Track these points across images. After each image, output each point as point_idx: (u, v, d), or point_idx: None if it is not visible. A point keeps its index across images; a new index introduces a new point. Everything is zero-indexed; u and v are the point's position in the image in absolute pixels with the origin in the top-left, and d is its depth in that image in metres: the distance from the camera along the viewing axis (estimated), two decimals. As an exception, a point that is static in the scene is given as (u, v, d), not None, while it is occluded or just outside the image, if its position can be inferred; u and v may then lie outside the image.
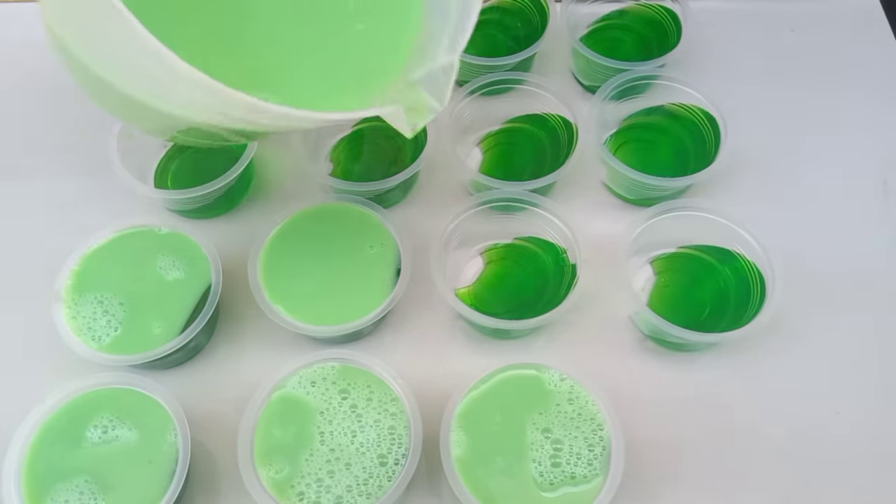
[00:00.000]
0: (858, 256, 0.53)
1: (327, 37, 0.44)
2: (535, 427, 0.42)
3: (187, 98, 0.33)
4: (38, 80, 0.62)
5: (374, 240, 0.49)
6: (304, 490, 0.41)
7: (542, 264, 0.51)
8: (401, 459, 0.42)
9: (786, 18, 0.65)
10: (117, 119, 0.50)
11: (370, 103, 0.40)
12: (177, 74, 0.30)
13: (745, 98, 0.59)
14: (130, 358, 0.45)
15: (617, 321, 0.51)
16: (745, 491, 0.46)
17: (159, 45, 0.29)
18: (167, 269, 0.48)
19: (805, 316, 0.50)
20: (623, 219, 0.53)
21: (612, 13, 0.62)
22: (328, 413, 0.43)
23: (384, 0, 0.44)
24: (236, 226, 0.55)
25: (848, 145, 0.58)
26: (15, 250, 0.54)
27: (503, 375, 0.44)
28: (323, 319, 0.47)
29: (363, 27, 0.43)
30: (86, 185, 0.56)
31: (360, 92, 0.41)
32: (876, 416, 0.48)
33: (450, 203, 0.51)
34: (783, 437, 0.47)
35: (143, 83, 0.34)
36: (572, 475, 0.41)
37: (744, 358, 0.49)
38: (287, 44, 0.43)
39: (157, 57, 0.30)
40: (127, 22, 0.29)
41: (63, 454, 0.42)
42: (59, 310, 0.46)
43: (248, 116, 0.33)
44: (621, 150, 0.56)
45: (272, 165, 0.58)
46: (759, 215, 0.50)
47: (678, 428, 0.47)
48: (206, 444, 0.47)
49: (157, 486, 0.41)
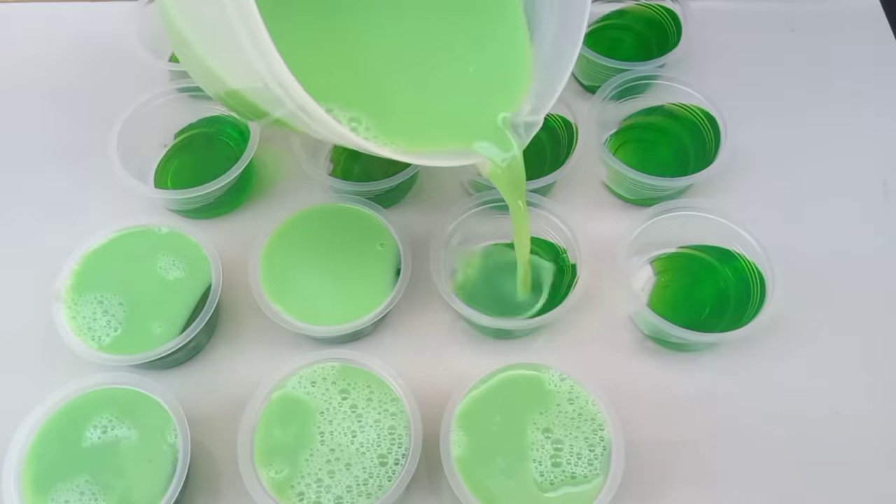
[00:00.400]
0: (858, 256, 0.53)
1: (434, 72, 0.44)
2: (535, 427, 0.42)
3: (272, 96, 0.34)
4: (39, 79, 0.63)
5: (375, 240, 0.49)
6: (304, 490, 0.41)
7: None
8: (401, 459, 0.42)
9: (786, 18, 0.65)
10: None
11: (458, 145, 0.42)
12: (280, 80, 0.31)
13: (745, 98, 0.59)
14: (130, 358, 0.45)
15: (617, 321, 0.51)
16: (745, 491, 0.46)
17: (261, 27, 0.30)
18: (167, 269, 0.48)
19: (805, 316, 0.50)
20: (623, 219, 0.53)
21: (612, 13, 0.62)
22: (328, 413, 0.43)
23: (496, 50, 0.45)
24: (236, 226, 0.55)
25: (848, 145, 0.58)
26: (15, 250, 0.54)
27: (503, 375, 0.44)
28: (323, 319, 0.47)
29: (473, 70, 0.44)
30: (86, 185, 0.56)
31: (453, 131, 0.43)
32: (876, 416, 0.48)
33: (450, 203, 0.51)
34: (783, 437, 0.47)
35: (231, 58, 0.35)
36: (573, 475, 0.41)
37: (744, 358, 0.49)
38: (391, 67, 0.44)
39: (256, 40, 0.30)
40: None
41: (63, 454, 0.42)
42: (59, 310, 0.46)
43: (328, 135, 0.35)
44: (621, 150, 0.56)
45: (272, 165, 0.58)
46: (759, 215, 0.50)
47: (678, 428, 0.47)
48: (206, 444, 0.47)
49: (157, 486, 0.41)
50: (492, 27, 0.45)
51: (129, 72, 0.60)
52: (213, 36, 0.35)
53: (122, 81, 0.60)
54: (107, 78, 0.62)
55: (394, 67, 0.43)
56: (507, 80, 0.45)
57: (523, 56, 0.45)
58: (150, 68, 0.58)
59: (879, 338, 0.50)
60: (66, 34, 0.65)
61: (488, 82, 0.44)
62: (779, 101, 0.61)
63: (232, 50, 0.33)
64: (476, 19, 0.45)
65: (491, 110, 0.43)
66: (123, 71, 0.61)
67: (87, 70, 0.63)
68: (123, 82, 0.60)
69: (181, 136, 0.57)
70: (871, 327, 0.51)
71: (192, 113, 0.57)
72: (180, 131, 0.57)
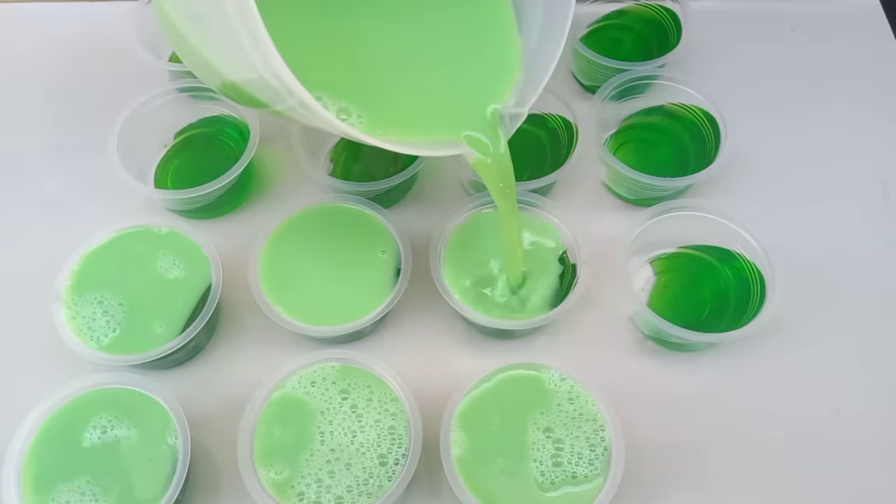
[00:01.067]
0: (858, 257, 0.53)
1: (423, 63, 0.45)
2: (536, 427, 0.42)
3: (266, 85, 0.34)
4: (39, 79, 0.63)
5: (375, 242, 0.49)
6: (304, 490, 0.41)
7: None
8: (401, 459, 0.42)
9: (786, 18, 0.65)
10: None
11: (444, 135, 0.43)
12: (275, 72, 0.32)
13: (745, 98, 0.59)
14: (130, 358, 0.45)
15: (617, 321, 0.51)
16: (745, 491, 0.46)
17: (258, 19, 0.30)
18: (167, 268, 0.48)
19: (805, 316, 0.50)
20: (623, 219, 0.53)
21: (612, 13, 0.62)
22: (328, 413, 0.43)
23: (485, 41, 0.45)
24: (236, 226, 0.55)
25: (848, 146, 0.58)
26: (15, 250, 0.54)
27: (503, 375, 0.44)
28: (323, 319, 0.47)
29: (462, 61, 0.45)
30: (86, 185, 0.57)
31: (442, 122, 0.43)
32: (876, 416, 0.48)
33: (450, 203, 0.51)
34: (783, 437, 0.47)
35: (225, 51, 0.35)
36: (573, 475, 0.41)
37: (744, 358, 0.49)
38: (382, 57, 0.44)
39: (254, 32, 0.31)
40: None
41: (63, 454, 0.42)
42: (59, 310, 0.46)
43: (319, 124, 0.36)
44: (621, 150, 0.56)
45: (272, 165, 0.58)
46: (759, 215, 0.50)
47: (678, 428, 0.47)
48: (206, 444, 0.47)
49: (157, 486, 0.41)
50: (481, 19, 0.45)
51: (129, 72, 0.60)
52: (207, 27, 0.35)
53: (122, 81, 0.60)
54: (107, 78, 0.62)
55: (384, 56, 0.43)
56: (495, 71, 0.45)
57: (512, 48, 0.45)
58: (150, 68, 0.58)
59: (879, 338, 0.50)
60: (66, 34, 0.65)
61: (477, 73, 0.44)
62: (779, 101, 0.61)
63: (227, 41, 0.33)
64: (466, 10, 0.45)
65: (480, 101, 0.43)
66: (123, 71, 0.61)
67: (87, 70, 0.63)
68: (123, 82, 0.60)
69: (181, 136, 0.57)
70: (870, 328, 0.51)
71: (192, 113, 0.57)
72: (180, 131, 0.57)
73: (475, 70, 0.44)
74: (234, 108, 0.55)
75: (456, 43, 0.44)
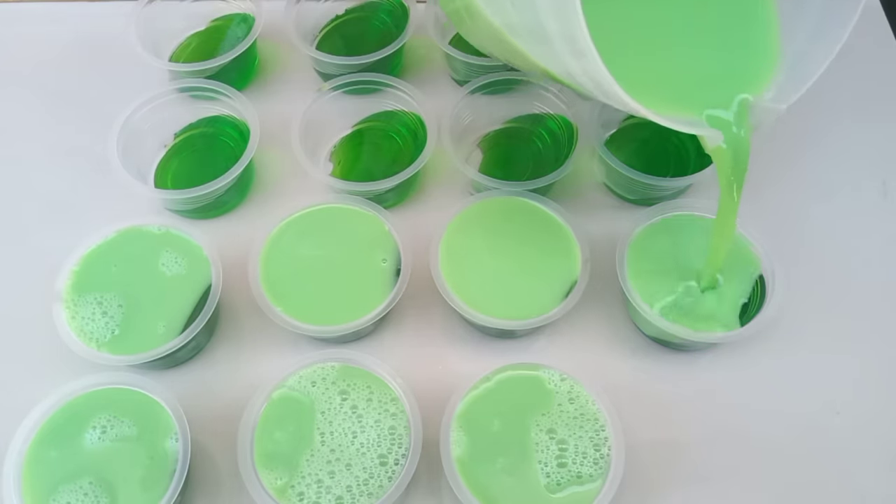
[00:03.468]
0: (858, 256, 0.53)
1: (685, 39, 0.45)
2: (538, 427, 0.42)
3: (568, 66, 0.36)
4: (38, 79, 0.63)
5: (374, 240, 0.49)
6: (304, 490, 0.41)
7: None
8: (401, 459, 0.42)
9: (786, 18, 0.65)
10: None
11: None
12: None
13: (745, 98, 0.59)
14: (130, 358, 0.45)
15: (617, 321, 0.51)
16: (745, 490, 0.46)
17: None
18: (167, 268, 0.48)
19: (805, 316, 0.50)
20: (623, 219, 0.53)
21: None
22: (328, 413, 0.43)
23: (747, 31, 0.45)
24: (236, 226, 0.55)
25: (848, 146, 0.58)
26: (15, 250, 0.54)
27: (503, 375, 0.44)
28: (323, 319, 0.47)
29: (723, 45, 0.45)
30: (86, 184, 0.56)
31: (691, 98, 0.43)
32: (876, 415, 0.48)
33: (450, 203, 0.51)
34: (783, 437, 0.47)
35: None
36: (579, 475, 0.41)
37: (744, 358, 0.49)
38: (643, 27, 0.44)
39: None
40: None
41: (63, 455, 0.42)
42: (59, 310, 0.46)
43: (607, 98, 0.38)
44: (621, 150, 0.56)
45: (272, 165, 0.58)
46: (758, 215, 0.50)
47: (678, 428, 0.47)
48: (205, 444, 0.47)
49: (157, 486, 0.41)
50: (747, 10, 0.45)
51: (129, 72, 0.60)
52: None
53: (122, 81, 0.60)
54: (107, 78, 0.62)
55: (652, 30, 0.44)
56: (754, 63, 0.44)
57: (774, 44, 0.45)
58: (150, 68, 0.58)
59: (879, 338, 0.50)
60: (66, 34, 0.65)
61: (736, 61, 0.44)
62: (779, 101, 0.60)
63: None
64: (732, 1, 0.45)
65: (732, 88, 0.43)
66: (123, 71, 0.61)
67: (87, 70, 0.63)
68: (123, 82, 0.60)
69: (181, 136, 0.57)
70: (870, 327, 0.51)
71: (192, 113, 0.57)
72: (180, 131, 0.57)
73: (734, 58, 0.44)
74: (234, 108, 0.55)
75: (719, 28, 0.45)
